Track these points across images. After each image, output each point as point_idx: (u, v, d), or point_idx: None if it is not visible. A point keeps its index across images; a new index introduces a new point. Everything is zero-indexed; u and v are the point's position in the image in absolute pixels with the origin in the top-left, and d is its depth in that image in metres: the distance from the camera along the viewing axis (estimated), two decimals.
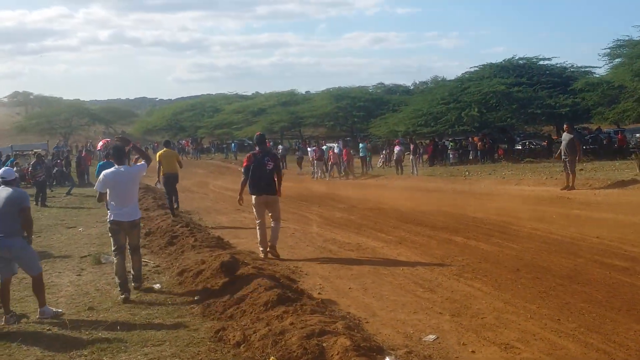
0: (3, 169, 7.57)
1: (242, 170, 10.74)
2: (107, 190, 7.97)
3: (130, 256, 8.27)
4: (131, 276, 8.30)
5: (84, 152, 36.00)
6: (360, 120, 51.97)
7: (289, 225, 14.29)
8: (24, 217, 7.05)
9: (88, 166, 31.24)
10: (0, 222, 6.90)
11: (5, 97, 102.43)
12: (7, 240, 6.93)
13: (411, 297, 7.61)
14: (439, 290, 7.85)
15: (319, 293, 7.74)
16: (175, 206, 15.51)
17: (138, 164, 9.25)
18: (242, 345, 5.53)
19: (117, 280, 7.98)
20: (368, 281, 8.49)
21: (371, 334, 6.00)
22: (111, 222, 7.99)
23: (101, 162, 19.98)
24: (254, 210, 10.54)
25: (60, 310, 7.29)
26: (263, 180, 10.35)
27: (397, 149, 30.81)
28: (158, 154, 15.52)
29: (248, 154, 10.66)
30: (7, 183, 7.16)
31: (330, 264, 9.71)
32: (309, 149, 34.56)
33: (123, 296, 7.74)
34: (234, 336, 5.71)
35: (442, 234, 11.86)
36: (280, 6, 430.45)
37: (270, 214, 10.52)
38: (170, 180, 15.21)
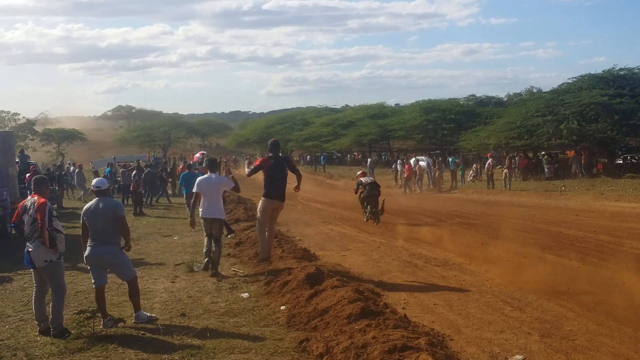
0: (96, 179, 8.03)
1: (250, 170, 10.92)
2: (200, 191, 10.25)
3: (213, 244, 10.18)
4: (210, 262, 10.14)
5: (181, 164, 37.47)
6: (450, 132, 51.16)
7: (374, 238, 14.34)
8: (120, 225, 7.51)
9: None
10: (97, 231, 7.38)
11: (110, 110, 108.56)
12: (103, 248, 7.39)
13: (498, 315, 7.46)
14: (528, 310, 7.65)
15: (402, 308, 7.73)
16: None
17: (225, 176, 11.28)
18: (325, 356, 5.63)
19: (204, 258, 10.57)
20: (454, 298, 8.39)
21: (455, 352, 5.94)
22: (203, 217, 10.32)
23: (184, 173, 20.92)
24: (260, 214, 10.61)
25: (154, 315, 7.68)
26: (279, 186, 10.46)
27: (488, 162, 30.08)
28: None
29: (265, 157, 10.82)
30: (101, 193, 7.62)
31: (415, 278, 9.67)
32: (398, 162, 34.31)
33: (201, 265, 10.49)
34: (317, 347, 5.82)
35: (534, 251, 11.51)
36: (372, 20, 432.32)
37: (269, 220, 10.59)
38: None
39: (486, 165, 30.18)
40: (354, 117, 63.61)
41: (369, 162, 41.68)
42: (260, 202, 10.56)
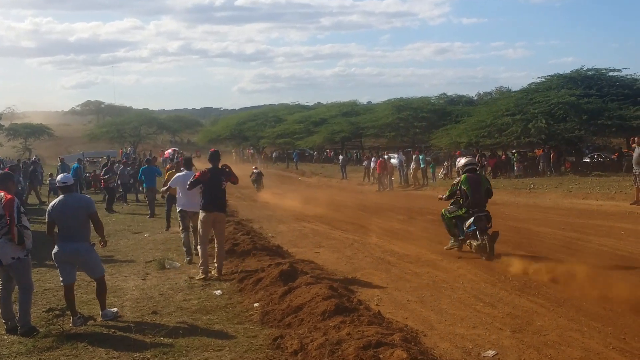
0: (61, 175, 7.87)
1: (189, 184, 10.16)
2: (177, 187, 11.11)
3: (193, 234, 10.92)
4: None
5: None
6: (421, 131, 51.45)
7: (347, 235, 14.35)
8: (94, 221, 7.39)
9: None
10: (69, 227, 7.23)
11: (78, 105, 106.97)
12: (74, 244, 7.25)
13: (471, 311, 7.50)
14: (499, 306, 7.71)
15: (376, 304, 7.74)
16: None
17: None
18: (299, 353, 5.59)
19: (184, 248, 11.32)
20: (427, 294, 8.42)
21: (429, 348, 5.96)
22: (180, 211, 11.19)
23: (143, 167, 20.72)
24: (200, 227, 9.89)
25: (116, 310, 7.58)
26: (217, 197, 9.83)
27: (459, 160, 30.27)
28: (168, 173, 15.45)
29: (203, 170, 10.08)
30: (67, 188, 7.47)
31: (388, 275, 9.69)
32: (372, 160, 34.36)
33: (188, 258, 11.07)
34: (292, 344, 5.78)
35: (504, 248, 11.60)
36: (345, 17, 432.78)
37: (215, 233, 9.95)
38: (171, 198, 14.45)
39: (457, 163, 30.42)
40: (327, 114, 63.64)
41: (340, 160, 41.73)
42: (200, 214, 9.95)
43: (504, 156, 35.02)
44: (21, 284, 7.02)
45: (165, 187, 12.68)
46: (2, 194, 6.98)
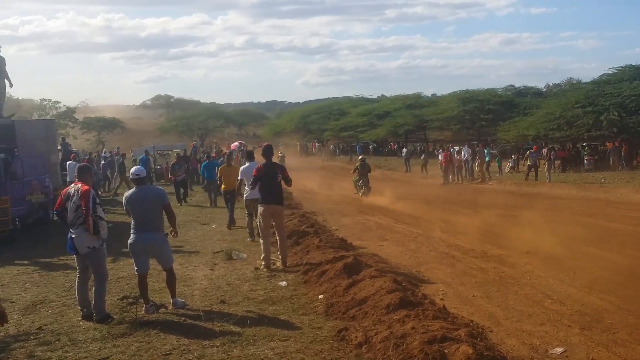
0: (134, 167, 8.13)
1: (252, 179, 10.52)
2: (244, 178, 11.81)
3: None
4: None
5: (214, 153, 37.61)
6: (488, 123, 50.37)
7: (411, 229, 14.28)
8: (167, 212, 7.65)
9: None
10: (145, 219, 7.49)
11: (149, 99, 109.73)
12: (148, 235, 7.51)
13: (538, 308, 7.36)
14: (568, 303, 7.53)
15: (441, 299, 7.69)
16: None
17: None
18: (364, 346, 5.63)
19: (247, 230, 12.90)
20: (493, 290, 8.31)
21: (495, 344, 5.88)
22: (245, 199, 12.21)
23: (205, 162, 21.05)
24: (260, 221, 10.19)
25: (185, 301, 7.79)
26: (274, 190, 10.08)
27: (532, 153, 29.43)
28: (220, 168, 16.00)
29: (258, 166, 10.40)
30: (140, 180, 7.72)
31: (453, 270, 9.59)
32: (439, 153, 33.86)
33: (250, 239, 12.44)
34: (356, 337, 5.82)
35: (573, 244, 11.30)
36: (409, 9, 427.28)
37: (275, 225, 10.20)
38: (228, 195, 15.22)
39: (530, 157, 29.57)
40: (390, 107, 63.07)
41: (404, 153, 41.38)
42: (259, 208, 10.33)
43: (570, 149, 33.86)
44: (96, 273, 7.34)
45: (239, 182, 12.57)
46: (79, 185, 7.31)
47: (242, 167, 12.45)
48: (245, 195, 12.15)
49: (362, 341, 5.70)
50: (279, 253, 10.15)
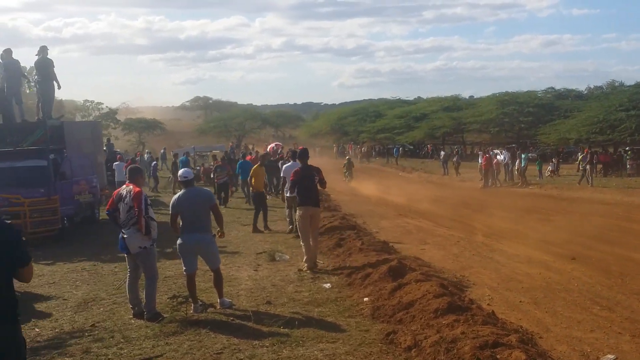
0: (182, 169, 8.28)
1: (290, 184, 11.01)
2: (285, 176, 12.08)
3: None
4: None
5: (249, 155, 37.74)
6: (527, 126, 49.70)
7: (452, 233, 14.20)
8: (215, 213, 7.79)
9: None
10: (194, 219, 7.63)
11: (188, 101, 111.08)
12: (198, 235, 7.65)
13: (587, 314, 7.28)
14: (617, 309, 7.43)
15: (488, 304, 7.65)
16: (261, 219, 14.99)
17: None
18: (413, 349, 5.64)
19: (287, 218, 14.12)
20: (540, 295, 8.23)
21: (546, 350, 5.84)
22: (287, 197, 12.56)
23: (240, 162, 21.10)
24: (299, 223, 10.32)
25: (231, 301, 7.90)
26: (311, 192, 10.20)
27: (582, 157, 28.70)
28: (253, 169, 15.75)
29: (295, 169, 10.62)
30: (189, 182, 7.86)
31: (498, 275, 9.52)
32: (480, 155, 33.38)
33: (290, 227, 13.60)
34: (405, 340, 5.84)
35: (619, 250, 11.13)
36: (448, 10, 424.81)
37: (310, 227, 10.21)
38: (257, 197, 15.16)
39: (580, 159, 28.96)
40: (428, 109, 62.70)
41: (442, 156, 41.08)
42: (297, 211, 10.47)
43: (612, 153, 33.14)
44: (147, 272, 7.51)
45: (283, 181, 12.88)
46: (131, 187, 7.48)
47: (285, 166, 13.14)
48: (287, 194, 12.58)
49: (412, 345, 5.71)
50: (305, 259, 10.19)
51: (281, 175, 12.97)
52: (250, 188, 15.70)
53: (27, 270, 3.64)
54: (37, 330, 7.10)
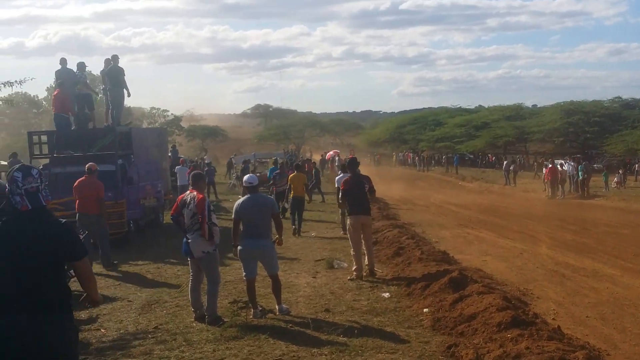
0: (248, 175, 8.41)
1: (340, 194, 10.93)
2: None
3: None
4: None
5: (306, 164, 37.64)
6: (593, 136, 48.16)
7: (515, 244, 13.86)
8: (275, 220, 7.89)
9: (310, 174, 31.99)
10: (255, 225, 7.74)
11: (249, 109, 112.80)
12: (259, 241, 7.75)
13: None
14: None
15: (553, 318, 7.42)
16: (295, 227, 15.47)
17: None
18: None
19: (341, 225, 14.62)
20: (607, 311, 7.94)
21: None
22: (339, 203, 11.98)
23: (272, 167, 21.29)
24: (350, 233, 10.29)
25: (289, 307, 7.94)
26: (361, 201, 10.16)
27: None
28: (290, 176, 16.62)
29: (345, 179, 10.65)
30: (253, 188, 7.97)
31: (563, 289, 9.23)
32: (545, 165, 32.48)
33: (342, 232, 13.86)
34: (467, 354, 5.73)
35: None
36: (512, 18, 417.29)
37: (363, 236, 10.19)
38: (296, 203, 15.81)
39: None
40: (489, 118, 61.56)
41: (504, 165, 40.20)
42: (348, 220, 10.48)
43: None
44: (209, 276, 7.65)
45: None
46: (195, 193, 7.64)
47: (337, 177, 14.18)
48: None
49: (474, 359, 5.59)
50: (366, 263, 10.16)
51: (335, 185, 13.48)
52: (291, 195, 16.24)
53: (82, 264, 3.81)
54: (103, 330, 7.33)
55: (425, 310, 7.70)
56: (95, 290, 3.99)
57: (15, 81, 17.09)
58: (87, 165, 11.59)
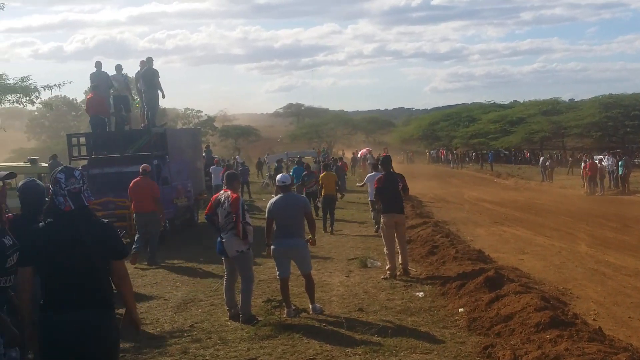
0: (281, 175, 8.43)
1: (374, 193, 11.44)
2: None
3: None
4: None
5: (340, 162, 37.55)
6: (633, 130, 46.97)
7: (553, 242, 13.61)
8: (308, 220, 7.88)
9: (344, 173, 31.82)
10: (288, 225, 7.74)
11: (281, 108, 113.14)
12: (292, 240, 7.74)
13: None
14: None
15: (593, 319, 7.25)
16: (328, 224, 15.86)
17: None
18: None
19: (373, 220, 15.40)
20: None
21: None
22: (371, 200, 14.43)
23: (295, 167, 21.37)
24: (383, 231, 10.19)
25: (322, 307, 7.92)
26: (395, 199, 10.03)
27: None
28: (320, 176, 16.92)
29: (379, 177, 10.58)
30: (286, 188, 7.96)
31: (604, 288, 9.01)
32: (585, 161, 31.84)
33: (376, 226, 14.16)
34: (504, 355, 5.61)
35: None
36: (547, 11, 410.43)
37: (397, 235, 10.05)
38: (328, 201, 16.06)
39: None
40: (525, 113, 60.42)
41: (541, 161, 39.49)
42: (382, 218, 10.37)
43: None
44: (244, 275, 7.67)
45: (361, 183, 16.69)
46: (229, 192, 7.67)
47: (368, 175, 15.38)
48: (369, 198, 14.68)
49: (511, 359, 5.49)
50: (400, 262, 10.06)
51: (363, 182, 14.89)
52: (322, 193, 16.42)
53: (121, 264, 3.92)
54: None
55: (460, 310, 7.58)
56: (130, 290, 4.05)
57: (55, 84, 17.52)
58: (141, 167, 12.07)
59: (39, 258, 3.75)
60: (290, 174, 21.72)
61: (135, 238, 11.73)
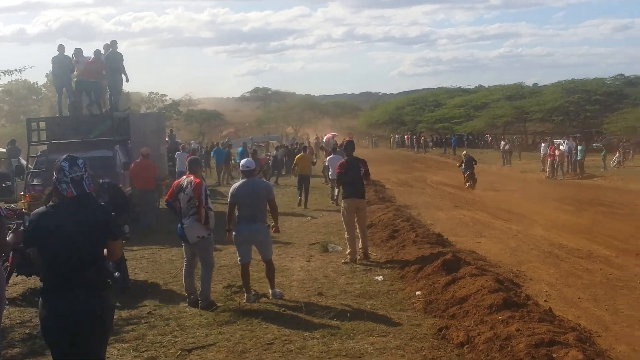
0: (245, 160, 8.39)
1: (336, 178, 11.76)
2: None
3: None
4: None
5: (307, 150, 37.52)
6: (594, 115, 48.01)
7: (510, 225, 13.88)
8: (271, 206, 7.90)
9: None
10: (251, 210, 7.73)
11: (248, 92, 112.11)
12: (254, 225, 7.74)
13: None
14: None
15: (545, 300, 7.44)
16: (302, 200, 17.75)
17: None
18: (466, 346, 5.56)
19: (330, 194, 17.93)
20: (600, 292, 7.96)
21: (604, 349, 5.64)
22: (331, 178, 15.91)
23: (216, 149, 22.34)
24: (344, 216, 10.24)
25: (282, 292, 7.98)
26: (356, 184, 10.13)
27: None
28: (297, 157, 19.33)
29: (341, 162, 10.73)
30: (250, 172, 7.94)
31: (557, 270, 9.25)
32: (542, 145, 32.51)
33: (333, 201, 16.85)
34: (458, 336, 5.75)
35: None
36: None
37: (357, 219, 10.18)
38: (303, 179, 17.93)
39: None
40: (489, 98, 61.29)
41: (502, 146, 40.11)
42: (342, 203, 10.46)
43: None
44: (204, 261, 7.67)
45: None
46: (192, 177, 7.64)
47: (328, 157, 17.15)
48: (329, 176, 16.52)
49: (464, 341, 5.62)
50: (360, 247, 10.15)
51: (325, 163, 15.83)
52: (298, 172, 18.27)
53: (116, 245, 4.17)
54: None
55: (417, 293, 7.72)
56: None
57: (15, 69, 17.12)
58: (141, 150, 13.98)
59: (42, 240, 3.96)
60: (212, 155, 22.93)
61: None
